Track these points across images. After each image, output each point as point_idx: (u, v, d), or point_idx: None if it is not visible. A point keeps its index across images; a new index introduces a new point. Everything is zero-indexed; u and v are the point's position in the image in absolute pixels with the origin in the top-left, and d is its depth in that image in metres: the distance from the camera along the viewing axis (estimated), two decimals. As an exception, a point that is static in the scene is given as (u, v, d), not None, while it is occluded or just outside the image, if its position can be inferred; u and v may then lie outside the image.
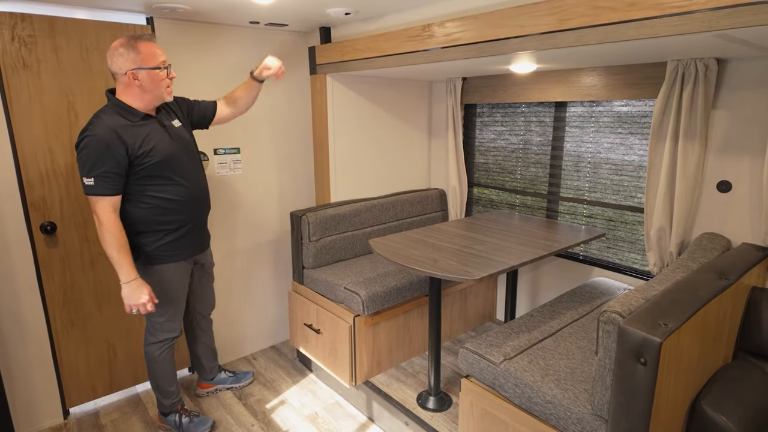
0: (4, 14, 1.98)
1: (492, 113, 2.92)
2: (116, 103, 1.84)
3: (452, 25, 1.86)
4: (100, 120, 1.78)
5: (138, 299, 1.86)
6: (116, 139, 1.77)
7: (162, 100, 1.92)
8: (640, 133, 2.26)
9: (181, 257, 2.06)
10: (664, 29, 1.31)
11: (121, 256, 1.82)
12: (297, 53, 2.86)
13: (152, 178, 1.89)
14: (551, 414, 1.52)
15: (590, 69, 2.28)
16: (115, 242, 1.81)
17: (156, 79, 1.84)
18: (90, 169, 1.75)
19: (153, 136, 1.88)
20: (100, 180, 1.76)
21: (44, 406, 2.33)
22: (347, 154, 2.82)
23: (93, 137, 1.75)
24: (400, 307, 2.43)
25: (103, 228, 1.79)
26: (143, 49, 1.81)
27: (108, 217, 1.79)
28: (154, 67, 1.83)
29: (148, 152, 1.85)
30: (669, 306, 1.34)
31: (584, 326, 1.94)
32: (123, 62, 1.80)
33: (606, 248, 2.48)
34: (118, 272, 1.84)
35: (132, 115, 1.85)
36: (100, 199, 1.78)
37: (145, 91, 1.85)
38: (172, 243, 2.00)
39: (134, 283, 1.86)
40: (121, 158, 1.78)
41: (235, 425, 2.35)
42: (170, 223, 1.97)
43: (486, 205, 3.07)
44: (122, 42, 1.81)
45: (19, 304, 2.19)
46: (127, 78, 1.82)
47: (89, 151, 1.75)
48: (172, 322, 2.11)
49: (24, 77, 2.06)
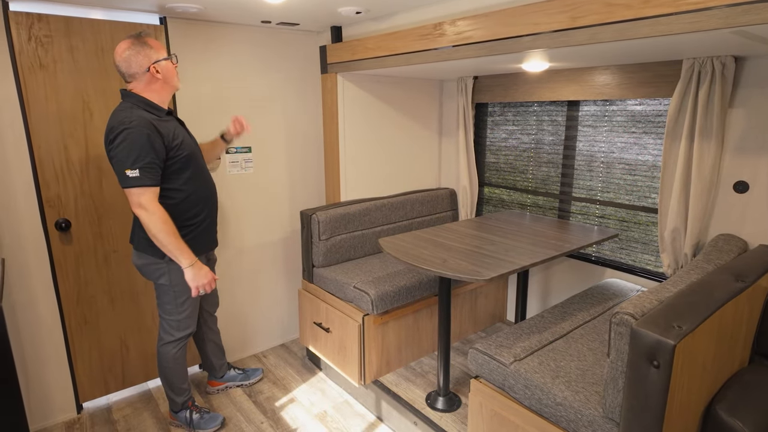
0: (21, 14, 2.02)
1: (503, 112, 2.89)
2: (141, 100, 1.87)
3: (464, 23, 1.85)
4: (132, 113, 1.80)
5: (204, 278, 1.93)
6: (155, 131, 1.81)
7: (176, 88, 1.99)
8: (655, 132, 2.22)
9: (202, 251, 2.09)
10: (680, 26, 1.29)
11: (178, 241, 1.85)
12: (308, 52, 2.87)
13: (180, 171, 1.93)
14: (562, 416, 1.50)
15: (603, 67, 2.25)
16: (170, 229, 1.83)
17: (171, 68, 1.93)
18: (135, 160, 1.76)
19: (179, 132, 1.94)
20: (144, 171, 1.77)
21: (58, 401, 2.37)
22: (357, 153, 2.82)
23: (133, 130, 1.76)
24: (409, 306, 2.42)
25: (155, 218, 1.80)
26: (153, 43, 1.88)
27: (157, 207, 1.81)
28: (167, 57, 1.91)
29: (180, 145, 1.91)
30: (683, 308, 1.32)
31: (596, 328, 1.92)
32: (142, 60, 1.84)
33: (619, 249, 2.45)
34: (179, 257, 1.87)
35: (158, 111, 1.90)
36: (146, 191, 1.79)
37: (166, 82, 1.91)
38: (196, 238, 2.03)
39: (198, 264, 1.92)
40: (160, 149, 1.82)
41: (244, 422, 2.36)
42: (195, 217, 2.01)
43: (497, 204, 3.05)
44: (131, 43, 1.83)
45: (35, 300, 2.22)
46: (150, 74, 1.86)
47: (132, 143, 1.75)
48: (189, 318, 2.14)
49: (41, 77, 2.10)
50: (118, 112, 1.82)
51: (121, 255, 2.43)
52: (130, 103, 1.85)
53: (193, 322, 2.16)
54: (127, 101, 1.87)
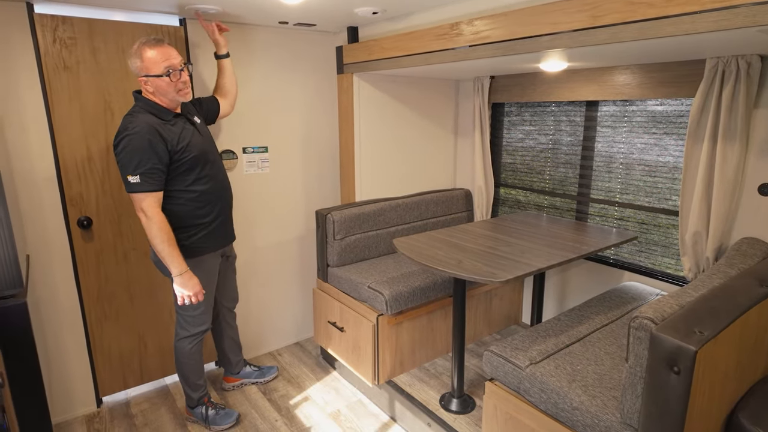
0: (46, 17, 2.07)
1: (520, 112, 2.87)
2: (147, 103, 1.90)
3: (481, 23, 1.84)
4: (136, 119, 1.82)
5: (192, 289, 1.95)
6: (157, 135, 1.82)
7: (177, 104, 1.96)
8: (676, 133, 2.18)
9: (215, 248, 2.12)
10: (705, 25, 1.26)
11: (171, 249, 1.87)
12: (324, 53, 2.88)
13: (188, 172, 1.94)
14: (578, 421, 1.48)
15: (624, 67, 2.21)
16: (165, 236, 1.85)
17: (163, 84, 1.86)
18: (135, 166, 1.78)
19: (186, 134, 1.95)
20: (145, 177, 1.80)
21: (79, 395, 2.42)
22: (372, 153, 2.82)
23: (135, 135, 1.78)
24: (423, 307, 2.42)
25: (152, 224, 1.83)
26: (146, 56, 1.83)
27: (156, 212, 1.84)
28: (157, 75, 1.84)
29: (185, 148, 1.91)
30: (705, 313, 1.29)
31: (614, 332, 1.89)
32: (134, 69, 1.87)
33: (638, 252, 2.40)
34: (170, 265, 1.89)
35: (164, 114, 1.91)
36: (147, 196, 1.82)
37: (159, 94, 1.90)
38: (207, 235, 2.06)
39: (187, 275, 1.93)
40: (163, 154, 1.84)
41: (259, 420, 2.39)
42: (206, 216, 2.04)
43: (513, 206, 3.02)
44: (134, 48, 1.86)
45: (58, 296, 2.28)
46: (142, 83, 1.89)
47: (133, 149, 1.78)
48: (204, 314, 2.17)
49: (64, 78, 2.15)
50: (126, 116, 1.86)
51: (140, 252, 2.47)
52: (138, 107, 1.89)
53: (208, 318, 2.19)
54: (137, 104, 1.90)
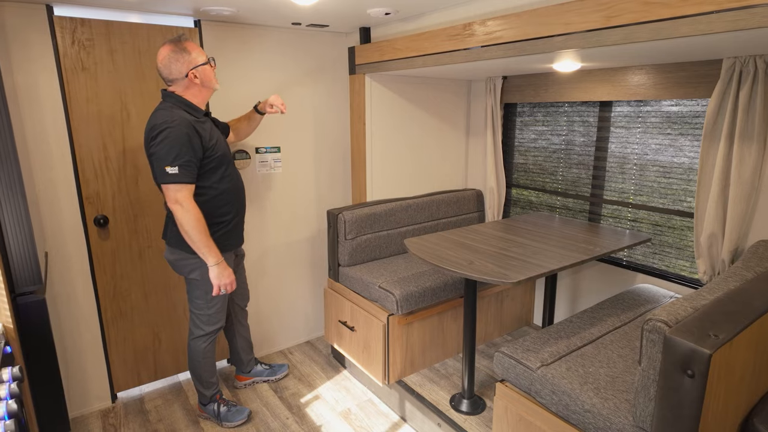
0: (66, 19, 2.11)
1: (533, 113, 2.85)
2: (181, 101, 1.94)
3: (494, 23, 1.84)
4: (173, 113, 1.87)
5: (228, 278, 2.00)
6: (193, 130, 1.88)
7: (214, 90, 2.05)
8: (691, 134, 2.15)
9: (231, 247, 2.16)
10: (721, 25, 1.24)
11: (208, 239, 1.93)
12: (337, 54, 2.89)
13: (215, 170, 2.00)
14: (590, 423, 1.48)
15: (638, 67, 2.19)
16: (202, 227, 1.90)
17: (209, 72, 1.98)
18: (174, 158, 1.82)
19: (214, 133, 2.02)
20: (183, 168, 1.84)
21: (95, 390, 2.47)
22: (384, 153, 2.83)
23: (174, 128, 1.83)
24: (434, 307, 2.42)
25: (189, 215, 1.86)
26: (191, 48, 1.93)
27: (192, 204, 1.88)
28: (205, 63, 1.96)
29: (215, 145, 1.98)
30: (720, 316, 1.27)
31: (627, 334, 1.87)
32: (181, 66, 1.91)
33: (651, 254, 2.38)
34: (206, 255, 1.94)
35: (196, 112, 1.98)
36: (183, 187, 1.86)
37: (204, 86, 1.97)
38: (226, 234, 2.10)
39: (223, 264, 1.99)
40: (198, 149, 1.89)
41: (270, 417, 2.41)
42: (226, 214, 2.08)
43: (525, 206, 3.01)
44: (171, 48, 1.90)
45: (75, 293, 2.32)
46: (188, 80, 1.93)
47: (172, 141, 1.82)
48: (219, 312, 2.20)
49: (82, 79, 2.19)
50: (159, 111, 1.89)
51: (155, 251, 2.51)
52: (170, 103, 1.93)
53: (222, 316, 2.22)
54: (167, 101, 1.94)
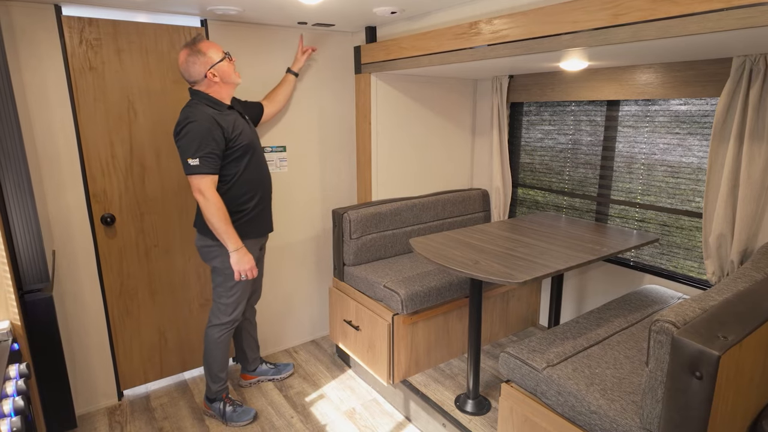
0: (74, 19, 2.12)
1: (539, 112, 2.84)
2: (205, 97, 2.06)
3: (500, 22, 1.83)
4: (196, 110, 1.99)
5: (247, 264, 2.09)
6: (215, 124, 1.99)
7: (236, 85, 2.15)
8: (700, 133, 2.13)
9: (255, 235, 2.23)
10: (731, 23, 1.23)
11: (228, 226, 2.02)
12: (342, 53, 2.89)
13: (239, 159, 2.09)
14: (596, 425, 1.46)
15: (646, 66, 2.17)
16: (222, 215, 2.00)
17: (227, 68, 2.07)
18: (195, 150, 1.95)
19: (239, 123, 2.10)
20: (203, 160, 1.96)
21: (101, 387, 2.48)
22: (389, 152, 2.82)
23: (196, 123, 1.95)
24: (439, 307, 2.41)
25: (210, 203, 1.98)
26: (206, 48, 2.02)
27: (213, 193, 1.99)
28: (221, 60, 2.04)
29: (238, 136, 2.07)
30: (729, 318, 1.26)
31: (634, 335, 1.85)
32: (199, 68, 2.01)
33: (659, 254, 2.36)
34: (227, 242, 2.04)
35: (220, 107, 2.07)
36: (204, 177, 1.97)
37: (224, 82, 2.07)
38: (249, 221, 2.18)
39: (242, 250, 2.07)
40: (219, 140, 2.00)
41: (275, 416, 2.41)
42: (248, 202, 2.16)
43: (531, 206, 2.99)
44: (188, 52, 2.01)
45: (82, 291, 2.34)
46: (208, 79, 2.04)
47: (194, 135, 1.95)
48: (237, 303, 2.24)
49: (90, 78, 2.20)
50: (185, 108, 2.02)
51: (162, 249, 2.52)
52: (196, 100, 2.05)
53: (240, 309, 2.27)
54: (193, 99, 2.07)
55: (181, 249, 2.58)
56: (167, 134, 2.43)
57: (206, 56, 2.01)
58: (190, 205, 2.57)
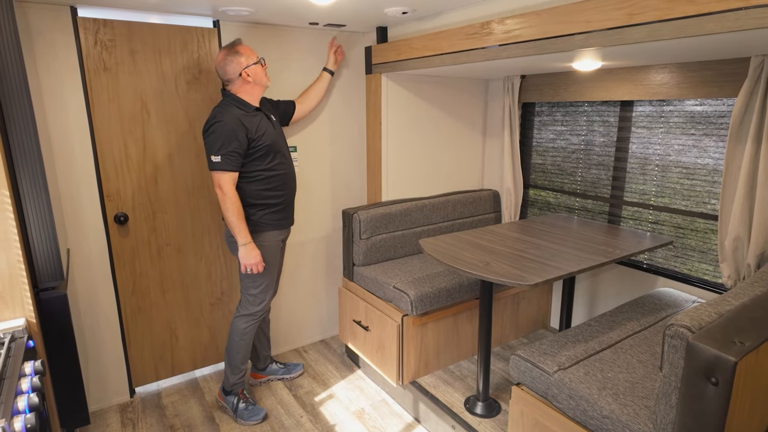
0: (89, 20, 2.15)
1: (552, 112, 2.81)
2: (234, 98, 2.18)
3: (512, 21, 1.81)
4: (224, 110, 2.12)
5: (254, 259, 2.17)
6: (240, 124, 2.10)
7: (266, 87, 2.27)
8: (716, 134, 2.09)
9: (277, 227, 2.30)
10: (750, 22, 1.20)
11: (240, 221, 2.13)
12: (353, 53, 2.89)
13: (262, 158, 2.19)
14: (608, 430, 1.44)
15: (660, 66, 2.14)
16: (236, 210, 2.11)
17: (259, 71, 2.20)
18: (219, 148, 2.06)
19: (263, 125, 2.21)
20: (225, 157, 2.07)
21: (114, 385, 2.51)
22: (400, 153, 2.82)
23: (221, 123, 2.07)
24: (449, 309, 2.40)
25: (226, 198, 2.10)
26: (243, 50, 2.16)
27: (231, 189, 2.11)
28: (256, 62, 2.18)
29: (261, 136, 2.18)
30: (746, 323, 1.23)
31: (647, 339, 1.83)
32: (235, 67, 2.14)
33: (673, 257, 2.32)
34: (237, 235, 2.14)
35: (247, 108, 2.18)
36: (224, 174, 2.08)
37: (256, 83, 2.19)
38: (273, 213, 2.27)
39: (250, 245, 2.16)
40: (242, 140, 2.11)
41: (285, 415, 2.42)
42: (273, 197, 2.26)
43: (542, 207, 2.97)
44: (226, 52, 2.14)
45: (95, 289, 2.37)
46: (242, 79, 2.16)
47: (218, 134, 2.06)
48: (263, 294, 2.32)
49: (104, 79, 2.23)
50: (215, 108, 2.15)
51: (173, 248, 2.54)
52: (226, 101, 2.16)
53: (268, 298, 2.35)
54: (223, 99, 2.18)
55: (193, 248, 2.60)
56: (180, 134, 2.46)
57: (242, 57, 2.14)
58: (202, 205, 2.59)
